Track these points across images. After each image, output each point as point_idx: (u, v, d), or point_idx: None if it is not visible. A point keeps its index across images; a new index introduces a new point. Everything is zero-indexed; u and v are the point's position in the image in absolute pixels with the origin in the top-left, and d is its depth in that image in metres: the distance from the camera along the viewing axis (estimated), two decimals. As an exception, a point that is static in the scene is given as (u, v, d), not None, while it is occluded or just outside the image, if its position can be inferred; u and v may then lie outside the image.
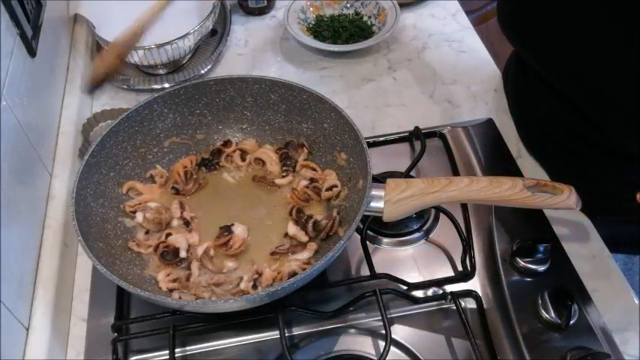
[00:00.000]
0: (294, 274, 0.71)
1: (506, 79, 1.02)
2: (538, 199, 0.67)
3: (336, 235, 0.76)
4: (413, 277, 0.77)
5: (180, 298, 0.70)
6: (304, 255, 0.75)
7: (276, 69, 1.10)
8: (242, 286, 0.72)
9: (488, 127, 0.96)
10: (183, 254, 0.76)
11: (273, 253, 0.76)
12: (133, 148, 0.83)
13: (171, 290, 0.72)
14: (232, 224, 0.78)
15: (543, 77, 0.84)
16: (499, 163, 0.91)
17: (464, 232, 0.79)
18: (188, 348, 0.73)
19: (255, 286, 0.72)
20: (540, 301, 0.72)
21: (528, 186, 0.67)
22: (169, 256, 0.76)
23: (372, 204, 0.70)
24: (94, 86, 0.81)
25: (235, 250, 0.76)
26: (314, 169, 0.84)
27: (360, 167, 0.75)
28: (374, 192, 0.70)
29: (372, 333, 0.74)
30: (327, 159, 0.84)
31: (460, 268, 0.78)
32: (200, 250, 0.76)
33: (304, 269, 0.71)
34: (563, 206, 0.67)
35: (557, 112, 0.85)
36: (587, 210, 0.84)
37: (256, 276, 0.73)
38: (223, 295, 0.71)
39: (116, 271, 0.69)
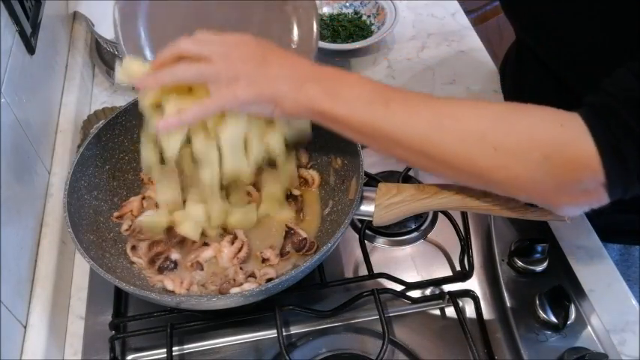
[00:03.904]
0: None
1: (504, 74, 1.01)
2: (528, 210, 0.66)
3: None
4: (411, 277, 0.77)
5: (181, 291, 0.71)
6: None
7: (276, 68, 1.10)
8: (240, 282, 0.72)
9: (487, 127, 0.95)
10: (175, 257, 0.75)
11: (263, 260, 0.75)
12: (130, 142, 0.83)
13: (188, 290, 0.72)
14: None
15: (545, 65, 0.83)
16: (498, 163, 0.91)
17: (462, 231, 0.79)
18: (186, 346, 0.73)
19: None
20: (538, 301, 0.72)
21: None
22: (168, 266, 0.75)
23: (363, 207, 0.70)
24: None
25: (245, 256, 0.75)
26: None
27: (354, 170, 0.75)
28: (365, 195, 0.70)
29: (370, 332, 0.74)
30: (322, 160, 0.84)
31: (458, 268, 0.78)
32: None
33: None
34: (553, 218, 0.66)
35: (557, 104, 0.84)
36: None
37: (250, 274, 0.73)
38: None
39: (105, 265, 0.69)
